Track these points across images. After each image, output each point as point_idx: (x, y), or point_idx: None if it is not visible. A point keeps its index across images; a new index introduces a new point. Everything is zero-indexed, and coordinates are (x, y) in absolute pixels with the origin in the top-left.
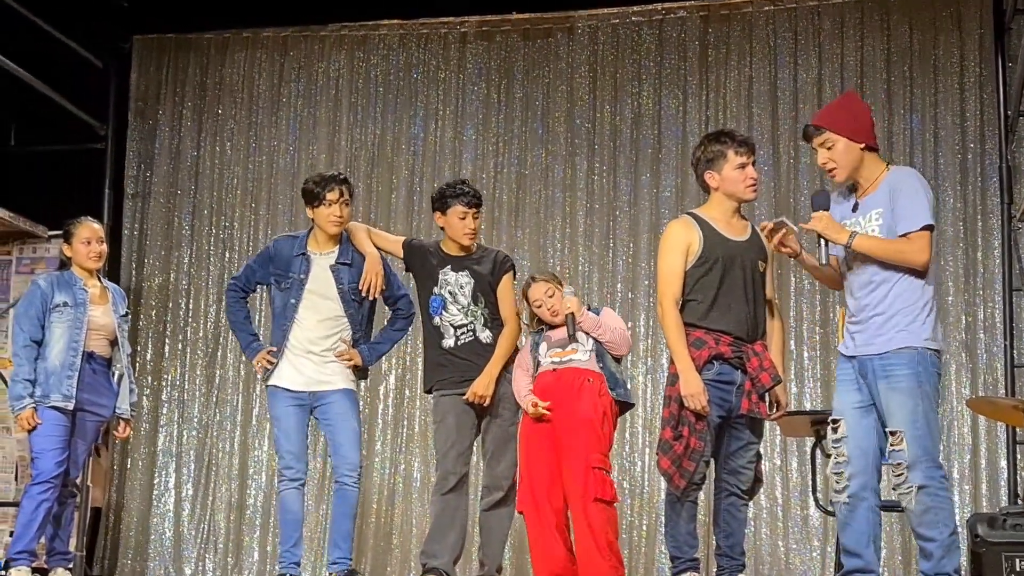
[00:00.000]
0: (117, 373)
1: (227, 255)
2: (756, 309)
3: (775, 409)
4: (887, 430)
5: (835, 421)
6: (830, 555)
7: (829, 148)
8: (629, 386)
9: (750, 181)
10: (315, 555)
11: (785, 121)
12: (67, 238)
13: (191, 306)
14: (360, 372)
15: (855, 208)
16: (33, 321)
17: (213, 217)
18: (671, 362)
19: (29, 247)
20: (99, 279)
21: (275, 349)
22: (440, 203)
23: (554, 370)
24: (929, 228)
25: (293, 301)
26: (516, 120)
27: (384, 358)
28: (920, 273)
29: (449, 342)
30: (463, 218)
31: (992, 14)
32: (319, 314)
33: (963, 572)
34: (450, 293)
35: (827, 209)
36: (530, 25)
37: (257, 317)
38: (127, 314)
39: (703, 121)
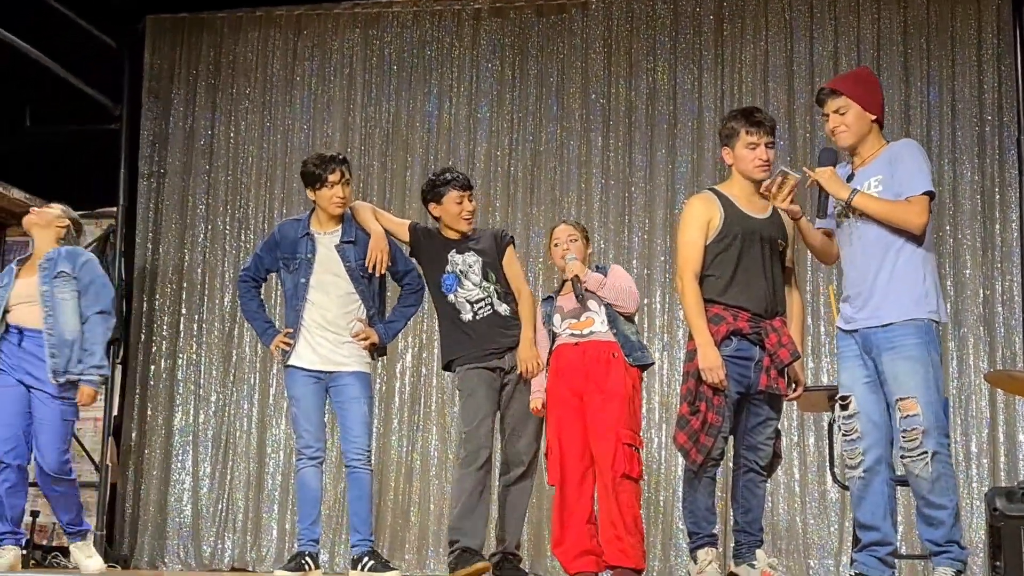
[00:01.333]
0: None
1: (242, 234)
2: (775, 286)
3: (794, 387)
4: (897, 398)
5: (844, 398)
6: (848, 530)
7: (842, 114)
8: (645, 347)
9: (759, 161)
10: (333, 532)
11: (801, 95)
12: None
13: (207, 285)
14: (378, 350)
15: (850, 178)
16: None
17: (228, 196)
18: (690, 337)
19: None
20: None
21: (291, 331)
22: (433, 194)
23: (576, 344)
24: (930, 195)
25: (303, 281)
26: (531, 97)
27: (400, 336)
28: (919, 243)
29: (468, 316)
30: (460, 202)
31: (1012, 14)
32: (330, 293)
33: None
34: (461, 272)
35: (833, 165)
36: (544, 1)
37: (269, 305)
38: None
39: (718, 96)
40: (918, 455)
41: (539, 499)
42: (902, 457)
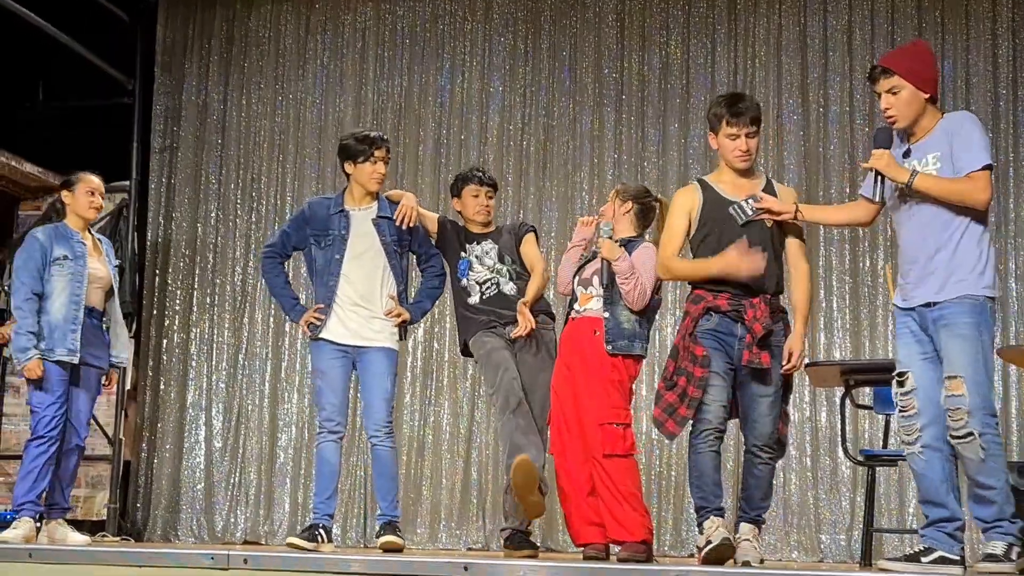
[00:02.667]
0: (107, 324)
1: (255, 208)
2: (760, 265)
3: (789, 360)
4: (945, 375)
5: (901, 374)
6: (859, 505)
7: (895, 94)
8: (652, 335)
9: (738, 152)
10: (345, 508)
11: (814, 69)
12: (68, 186)
13: (219, 259)
14: (404, 329)
15: (907, 154)
16: (33, 274)
17: (240, 170)
18: (685, 315)
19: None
20: (90, 231)
21: (321, 306)
22: (454, 188)
23: (573, 319)
24: (989, 168)
25: (337, 257)
26: (543, 71)
27: None
28: (980, 218)
29: (475, 299)
30: (476, 196)
31: None
32: (364, 268)
33: None
34: (476, 257)
35: (888, 147)
36: None
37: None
38: (119, 264)
39: (731, 70)
40: (965, 436)
41: (549, 473)
42: (950, 436)
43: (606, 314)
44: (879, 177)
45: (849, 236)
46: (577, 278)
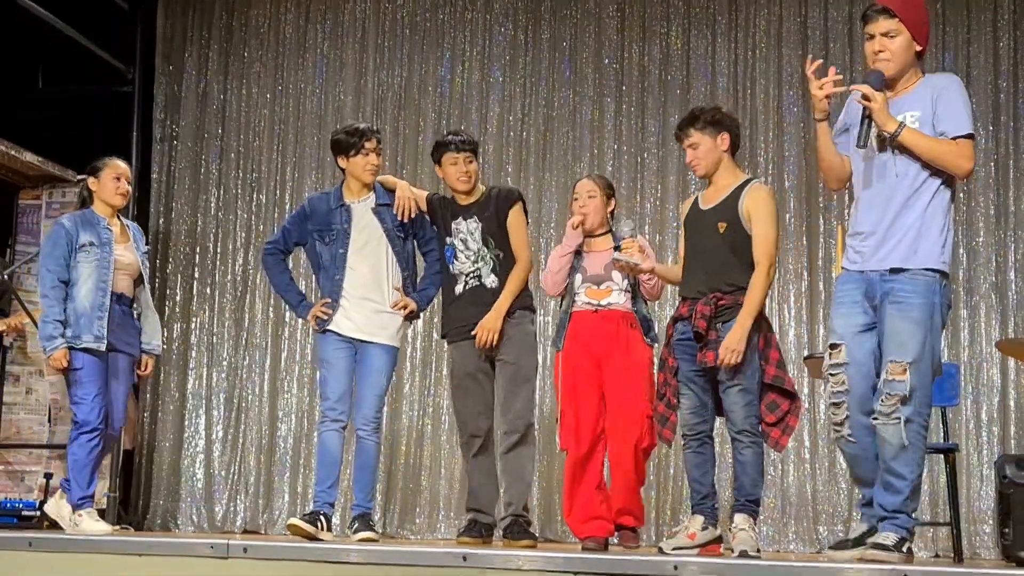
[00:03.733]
0: (138, 311)
1: (255, 198)
2: (711, 267)
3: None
4: (889, 359)
5: (834, 345)
6: (858, 498)
7: (892, 37)
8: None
9: (689, 160)
10: (345, 499)
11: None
12: (95, 172)
13: (219, 249)
14: (414, 316)
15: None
16: (60, 262)
17: (240, 160)
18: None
19: (59, 191)
20: (118, 218)
21: (329, 300)
22: (434, 155)
23: (595, 311)
24: (972, 137)
25: (342, 251)
26: (543, 61)
27: None
28: (949, 186)
29: (459, 288)
30: (455, 164)
31: None
32: (369, 259)
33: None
34: (461, 241)
35: (880, 89)
36: None
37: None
38: (148, 251)
39: (732, 61)
40: (891, 419)
41: (549, 465)
42: (874, 419)
43: (634, 307)
44: (866, 120)
45: (848, 228)
46: (580, 275)
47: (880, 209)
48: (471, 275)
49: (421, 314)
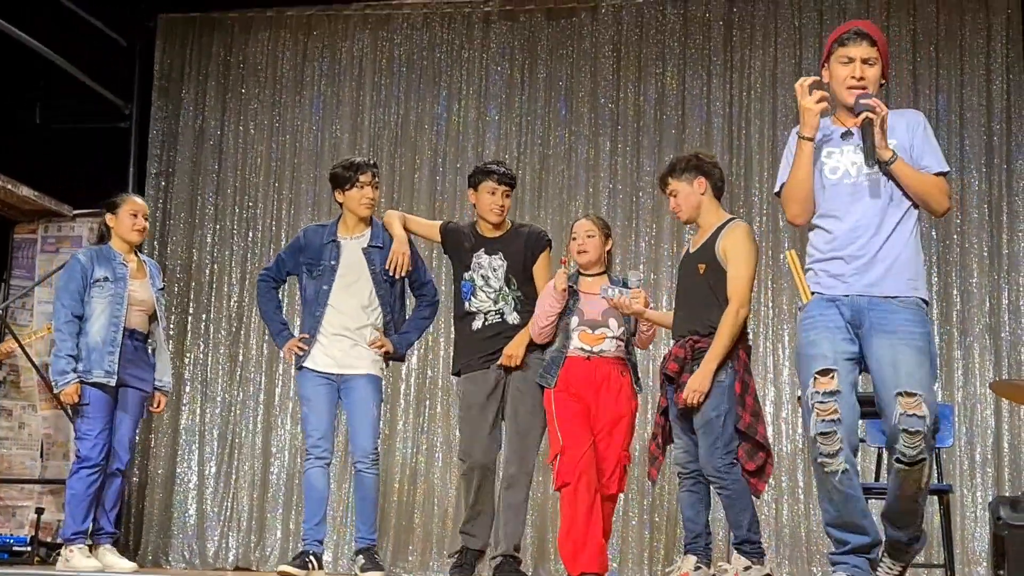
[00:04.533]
0: (152, 347)
1: (250, 234)
2: (690, 310)
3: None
4: (901, 391)
5: (826, 371)
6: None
7: (871, 66)
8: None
9: (671, 208)
10: (337, 533)
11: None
12: (112, 208)
13: (214, 285)
14: (392, 357)
15: (845, 135)
16: (74, 296)
17: (236, 196)
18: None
19: (54, 226)
20: (136, 254)
21: (307, 336)
22: (473, 179)
23: (588, 359)
24: (946, 175)
25: (326, 288)
26: (539, 100)
27: None
28: (915, 222)
29: (477, 325)
30: (492, 193)
31: (1021, 11)
32: (352, 298)
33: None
34: (482, 277)
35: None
36: (554, 4)
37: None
38: (163, 288)
39: (727, 102)
40: (917, 462)
41: (543, 503)
42: (896, 460)
43: (627, 355)
44: (868, 137)
45: None
46: (577, 317)
47: (863, 231)
48: (492, 312)
49: (403, 358)
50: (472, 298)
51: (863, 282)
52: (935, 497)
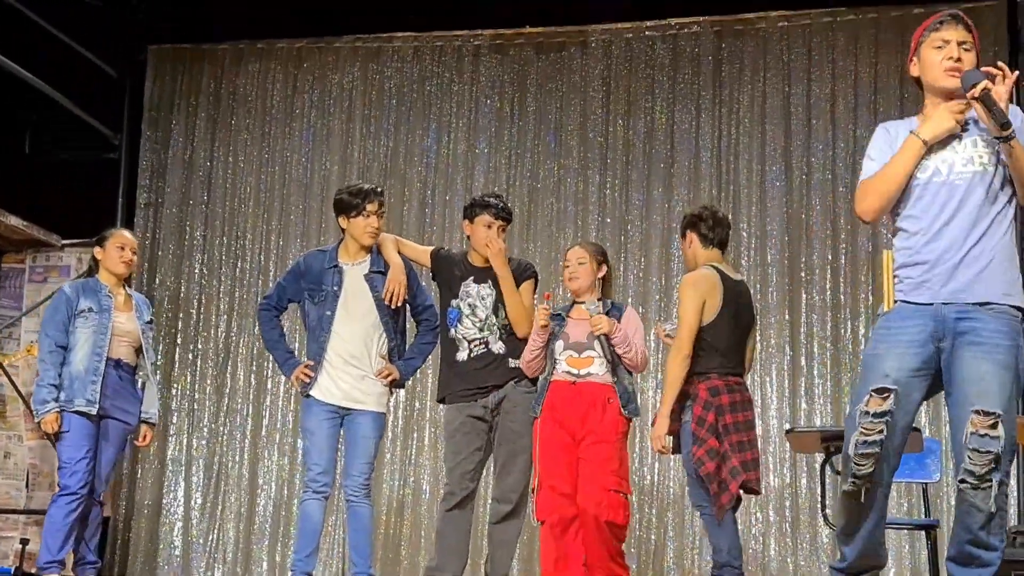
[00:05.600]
0: (141, 380)
1: (239, 265)
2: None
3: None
4: (977, 408)
5: (884, 391)
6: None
7: (967, 51)
8: (639, 399)
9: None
10: (323, 566)
11: (798, 137)
12: (101, 242)
13: (202, 315)
14: (397, 384)
15: (958, 136)
16: (59, 327)
17: (225, 227)
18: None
19: (43, 255)
20: (124, 287)
21: (312, 363)
22: (469, 211)
23: (573, 383)
24: None
25: (328, 313)
26: (529, 133)
27: None
28: (1011, 223)
29: (463, 355)
30: (488, 227)
31: (1007, 33)
32: (355, 325)
33: None
34: (469, 305)
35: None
36: (544, 39)
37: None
38: (151, 321)
39: (716, 136)
40: (985, 484)
41: (530, 536)
42: (961, 481)
43: (615, 379)
44: (992, 106)
45: (831, 303)
46: (562, 341)
47: (957, 235)
48: (477, 341)
49: (405, 384)
50: (458, 325)
51: (950, 288)
52: (923, 532)
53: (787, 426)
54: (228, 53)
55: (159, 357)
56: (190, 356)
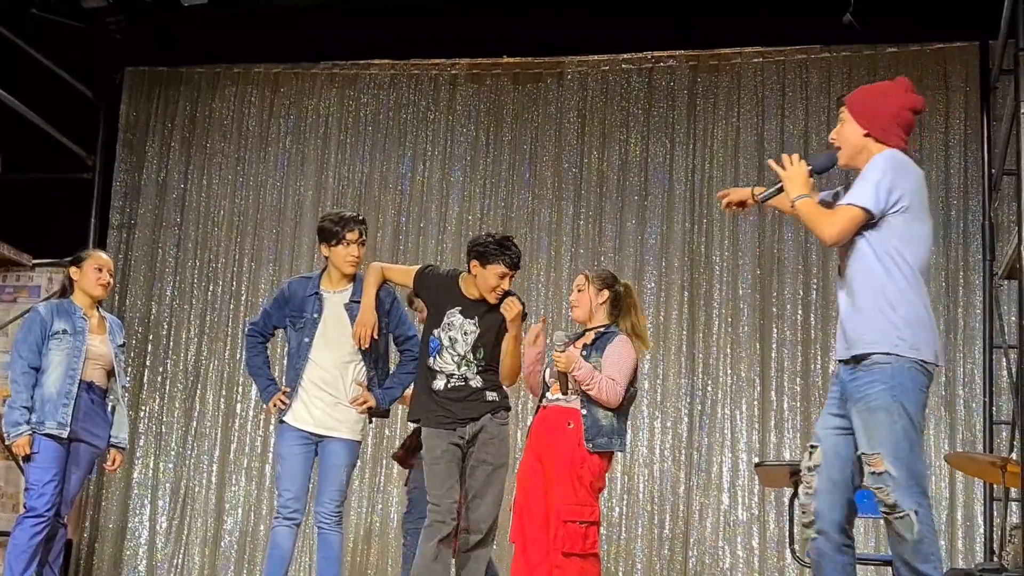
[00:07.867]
0: (111, 403)
1: (210, 288)
2: None
3: None
4: (859, 453)
5: (812, 447)
6: None
7: (840, 124)
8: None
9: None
10: None
11: (771, 171)
12: (77, 262)
13: (172, 338)
14: (374, 413)
15: (836, 196)
16: (32, 348)
17: (197, 250)
18: None
19: (13, 275)
20: (97, 309)
21: (288, 390)
22: (483, 255)
23: (544, 407)
24: (863, 210)
25: (307, 340)
26: (504, 163)
27: None
28: (902, 271)
29: (439, 385)
30: (502, 277)
31: (978, 73)
32: (333, 353)
33: None
34: (450, 339)
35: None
36: (520, 69)
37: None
38: (123, 344)
39: (690, 169)
40: (899, 512)
41: (504, 561)
42: (884, 515)
43: (584, 411)
44: (778, 186)
45: (801, 337)
46: (548, 371)
47: (845, 295)
48: (455, 376)
49: (387, 413)
50: (437, 356)
51: (839, 348)
52: (888, 569)
53: (756, 459)
54: (204, 76)
55: (128, 379)
56: (159, 379)
